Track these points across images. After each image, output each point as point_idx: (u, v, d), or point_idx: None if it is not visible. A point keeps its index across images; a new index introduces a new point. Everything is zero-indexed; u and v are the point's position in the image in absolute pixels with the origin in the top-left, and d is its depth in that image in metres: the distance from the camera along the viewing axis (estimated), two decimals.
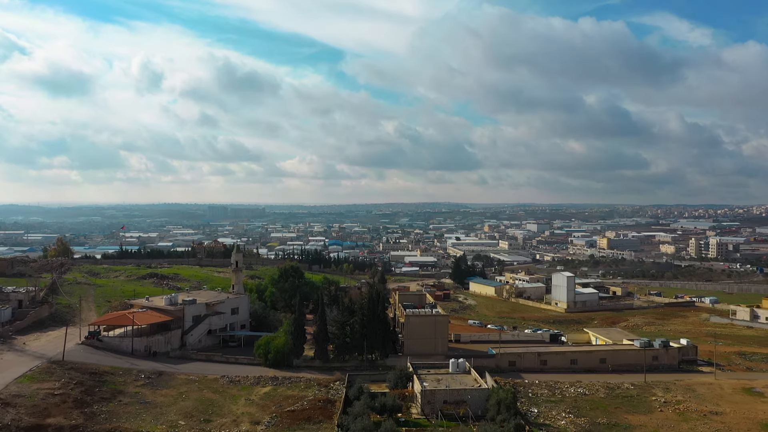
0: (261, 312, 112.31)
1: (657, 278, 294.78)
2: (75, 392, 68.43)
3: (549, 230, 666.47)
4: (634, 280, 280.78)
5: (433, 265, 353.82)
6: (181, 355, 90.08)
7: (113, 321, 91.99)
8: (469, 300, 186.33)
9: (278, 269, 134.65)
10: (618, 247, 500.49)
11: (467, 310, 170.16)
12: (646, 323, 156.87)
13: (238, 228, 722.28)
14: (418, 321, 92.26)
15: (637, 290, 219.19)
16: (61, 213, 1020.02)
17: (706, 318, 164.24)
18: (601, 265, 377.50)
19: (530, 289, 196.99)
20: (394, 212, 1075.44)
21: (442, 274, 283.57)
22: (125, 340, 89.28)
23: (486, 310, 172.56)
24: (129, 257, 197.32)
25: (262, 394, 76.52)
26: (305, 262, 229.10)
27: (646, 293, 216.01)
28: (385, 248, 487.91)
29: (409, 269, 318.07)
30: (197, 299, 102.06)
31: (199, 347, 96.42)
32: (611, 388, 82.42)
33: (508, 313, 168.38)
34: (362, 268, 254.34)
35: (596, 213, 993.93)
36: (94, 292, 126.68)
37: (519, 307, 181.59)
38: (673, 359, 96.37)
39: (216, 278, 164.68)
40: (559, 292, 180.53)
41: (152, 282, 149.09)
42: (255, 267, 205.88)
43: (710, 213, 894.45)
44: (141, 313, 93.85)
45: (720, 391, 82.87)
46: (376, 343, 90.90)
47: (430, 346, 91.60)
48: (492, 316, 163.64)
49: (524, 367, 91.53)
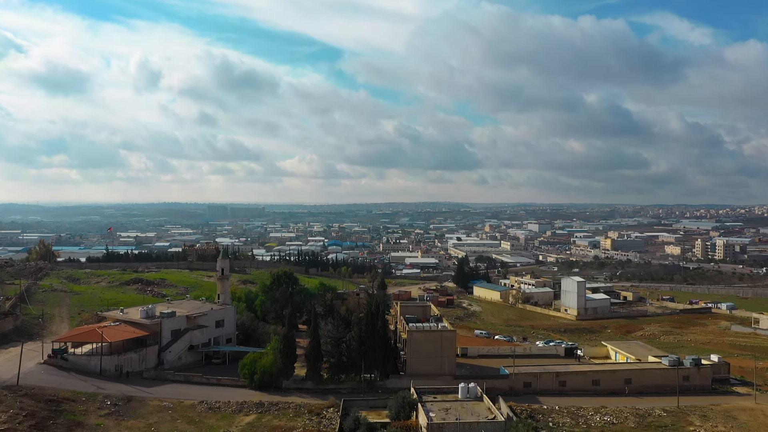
0: (249, 324, 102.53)
1: (666, 281, 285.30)
2: (23, 426, 58.66)
3: (551, 230, 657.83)
4: (643, 284, 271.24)
5: (435, 267, 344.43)
6: (156, 376, 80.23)
7: (80, 337, 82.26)
8: (473, 306, 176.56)
9: (270, 275, 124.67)
10: (622, 248, 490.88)
11: (472, 317, 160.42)
12: (663, 332, 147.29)
13: (237, 228, 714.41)
14: (422, 337, 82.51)
15: (648, 295, 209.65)
16: (60, 212, 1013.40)
17: (727, 327, 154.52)
18: (606, 266, 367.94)
19: (538, 294, 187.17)
20: (394, 212, 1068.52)
21: (444, 277, 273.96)
22: (93, 358, 79.51)
23: (492, 317, 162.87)
24: (116, 260, 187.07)
25: (245, 425, 66.76)
26: (302, 265, 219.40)
27: (658, 298, 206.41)
28: (386, 249, 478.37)
29: (410, 271, 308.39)
30: (178, 311, 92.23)
31: (178, 365, 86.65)
32: (642, 416, 72.61)
33: (516, 321, 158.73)
34: (362, 271, 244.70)
35: (597, 213, 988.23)
36: (70, 301, 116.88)
37: (526, 313, 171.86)
38: (706, 379, 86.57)
39: (205, 284, 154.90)
40: (569, 298, 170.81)
41: (136, 288, 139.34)
42: (249, 270, 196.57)
43: (712, 213, 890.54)
44: (113, 328, 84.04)
45: (764, 419, 73.17)
46: (376, 361, 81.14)
47: (436, 366, 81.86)
48: (499, 324, 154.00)
49: (541, 389, 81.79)
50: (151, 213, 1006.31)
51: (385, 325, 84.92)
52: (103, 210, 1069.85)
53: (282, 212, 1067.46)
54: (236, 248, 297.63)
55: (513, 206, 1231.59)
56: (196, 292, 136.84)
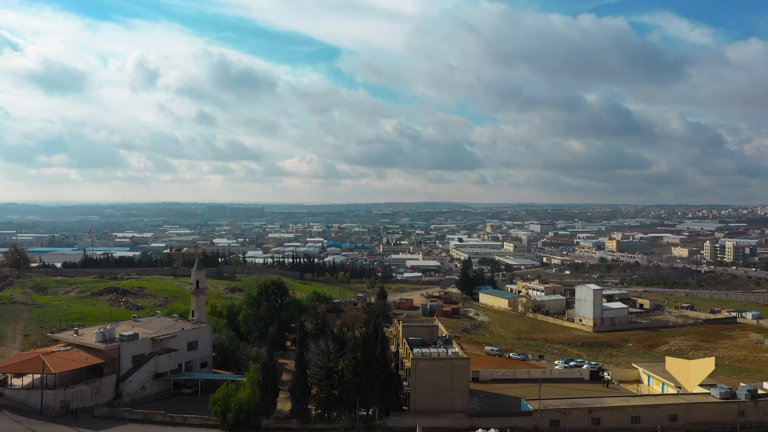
0: (228, 345, 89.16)
1: (679, 286, 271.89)
2: None
3: (553, 231, 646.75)
4: (656, 289, 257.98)
5: (437, 270, 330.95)
6: (110, 414, 66.91)
7: (20, 366, 68.94)
8: (480, 315, 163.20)
9: (257, 285, 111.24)
10: (628, 249, 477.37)
11: (480, 329, 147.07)
12: (690, 347, 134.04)
13: (236, 228, 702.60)
14: (429, 366, 69.22)
15: (665, 302, 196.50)
16: (59, 212, 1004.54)
17: (759, 340, 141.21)
18: (614, 269, 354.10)
19: (549, 302, 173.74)
20: (394, 212, 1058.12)
21: (447, 281, 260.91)
22: (34, 393, 66.30)
23: (501, 328, 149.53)
24: (94, 266, 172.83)
25: None
26: (297, 270, 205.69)
27: (676, 306, 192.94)
28: (386, 250, 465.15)
29: (411, 275, 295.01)
30: (142, 332, 78.89)
31: (141, 397, 73.45)
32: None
33: (528, 333, 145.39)
34: (360, 275, 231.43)
35: (599, 213, 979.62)
36: (29, 315, 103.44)
37: (538, 324, 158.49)
38: (764, 414, 73.33)
39: (189, 293, 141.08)
40: (583, 308, 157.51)
41: (109, 299, 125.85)
42: (239, 276, 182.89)
43: (714, 213, 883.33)
44: (60, 354, 70.68)
45: None
46: (374, 395, 67.89)
47: (446, 401, 68.55)
48: (509, 337, 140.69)
49: (571, 428, 68.59)
50: (150, 213, 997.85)
51: (385, 350, 71.61)
52: (102, 210, 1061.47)
53: (281, 212, 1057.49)
54: (228, 251, 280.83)
55: (514, 206, 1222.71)
56: (176, 303, 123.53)
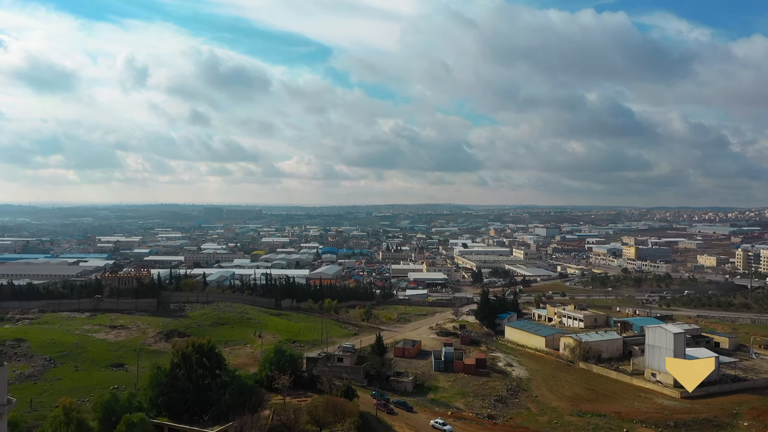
0: None
1: (737, 308, 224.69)
2: None
3: (559, 235, 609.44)
4: (710, 312, 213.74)
5: (443, 284, 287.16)
6: None
7: None
8: (514, 366, 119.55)
9: (174, 352, 67.72)
10: (649, 257, 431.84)
11: (519, 395, 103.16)
12: None
13: (229, 231, 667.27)
14: None
15: (733, 332, 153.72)
16: (53, 213, 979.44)
17: None
18: (643, 283, 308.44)
19: (603, 344, 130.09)
20: (394, 214, 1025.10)
21: (458, 301, 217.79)
22: None
23: (549, 392, 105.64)
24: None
25: None
26: (271, 296, 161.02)
27: (759, 345, 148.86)
28: (385, 258, 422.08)
29: (415, 292, 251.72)
30: None
31: None
32: None
33: (590, 402, 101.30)
34: (353, 298, 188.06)
35: (603, 216, 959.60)
36: None
37: (596, 382, 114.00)
38: None
39: (93, 345, 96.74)
40: (658, 358, 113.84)
41: None
42: (187, 311, 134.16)
43: (721, 216, 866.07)
44: None
45: None
46: None
47: None
48: (566, 409, 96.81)
49: None
50: (145, 215, 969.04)
51: None
52: (97, 211, 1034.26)
53: (279, 214, 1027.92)
54: (178, 272, 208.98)
55: (515, 208, 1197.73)
56: (62, 369, 79.58)
